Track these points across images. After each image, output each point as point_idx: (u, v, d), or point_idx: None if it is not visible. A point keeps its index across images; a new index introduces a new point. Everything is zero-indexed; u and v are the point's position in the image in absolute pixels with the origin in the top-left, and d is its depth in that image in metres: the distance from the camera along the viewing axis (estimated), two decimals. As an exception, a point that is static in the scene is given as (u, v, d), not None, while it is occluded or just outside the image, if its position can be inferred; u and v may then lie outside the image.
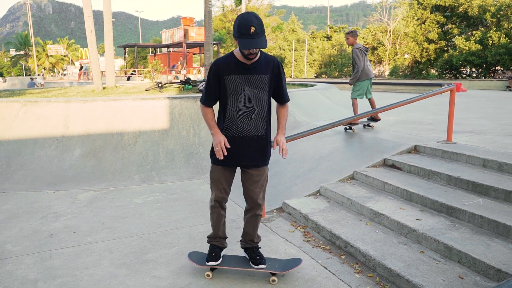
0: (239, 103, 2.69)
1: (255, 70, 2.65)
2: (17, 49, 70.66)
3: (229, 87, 2.68)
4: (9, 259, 3.39)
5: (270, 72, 2.69)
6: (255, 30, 2.45)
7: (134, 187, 5.64)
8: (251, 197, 2.89)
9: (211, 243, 3.05)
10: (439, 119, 7.66)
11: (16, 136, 6.55)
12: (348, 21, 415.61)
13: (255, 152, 2.78)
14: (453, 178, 4.05)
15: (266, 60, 2.70)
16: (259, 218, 2.98)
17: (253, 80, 2.65)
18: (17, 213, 4.58)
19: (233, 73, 2.65)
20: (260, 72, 2.65)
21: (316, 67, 45.52)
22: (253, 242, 3.03)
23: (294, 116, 7.67)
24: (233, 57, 2.67)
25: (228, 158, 2.76)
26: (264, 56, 2.71)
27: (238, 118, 2.71)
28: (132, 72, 33.40)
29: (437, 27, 29.94)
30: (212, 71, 2.72)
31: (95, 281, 2.99)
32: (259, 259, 2.95)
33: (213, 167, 2.88)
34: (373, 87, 7.36)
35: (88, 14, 10.80)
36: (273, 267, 2.96)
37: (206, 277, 3.00)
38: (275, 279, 2.92)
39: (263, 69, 2.66)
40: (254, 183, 2.84)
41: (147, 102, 7.18)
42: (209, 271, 3.02)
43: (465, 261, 2.90)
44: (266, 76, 2.66)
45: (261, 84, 2.67)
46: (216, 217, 2.97)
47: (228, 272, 3.09)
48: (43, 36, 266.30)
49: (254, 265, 2.95)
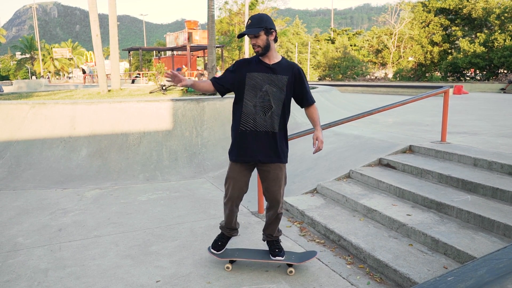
0: (258, 99, 2.86)
1: (276, 70, 2.86)
2: (23, 52, 71.39)
3: (249, 83, 2.87)
4: (21, 251, 3.60)
5: (291, 75, 2.87)
6: (250, 23, 2.79)
7: (139, 185, 5.84)
8: (269, 195, 3.02)
9: (222, 231, 3.23)
10: (436, 120, 7.82)
11: (25, 136, 6.79)
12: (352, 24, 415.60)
13: (269, 147, 2.91)
14: (444, 176, 4.21)
15: (288, 64, 2.92)
16: (279, 216, 3.11)
17: (273, 79, 2.85)
18: (27, 209, 4.79)
19: (255, 71, 2.87)
20: (281, 73, 2.85)
21: (320, 69, 45.70)
22: (272, 236, 3.17)
23: (294, 117, 7.85)
24: (256, 57, 2.92)
25: (244, 152, 2.91)
26: (285, 60, 2.93)
27: (256, 113, 2.87)
28: (136, 75, 33.73)
29: (441, 29, 30.08)
30: (231, 68, 2.98)
31: (101, 271, 3.19)
32: (278, 251, 3.11)
33: (231, 165, 3.01)
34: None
35: (94, 18, 11.07)
36: (289, 258, 3.13)
37: (226, 269, 3.14)
38: (292, 270, 3.07)
39: (284, 71, 2.86)
40: (272, 181, 2.95)
41: (151, 104, 7.40)
42: (229, 263, 3.17)
43: (450, 253, 3.07)
44: (286, 77, 2.85)
45: (280, 84, 2.85)
46: (228, 213, 3.11)
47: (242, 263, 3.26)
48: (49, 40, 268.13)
49: (272, 256, 3.11)
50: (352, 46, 45.56)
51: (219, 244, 3.19)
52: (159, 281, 3.00)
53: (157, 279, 3.04)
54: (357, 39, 49.97)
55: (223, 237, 3.22)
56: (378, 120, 8.15)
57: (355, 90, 23.66)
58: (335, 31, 53.32)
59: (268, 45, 2.81)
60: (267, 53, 2.84)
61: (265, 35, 2.78)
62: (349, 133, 6.42)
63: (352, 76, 38.29)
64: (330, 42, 50.04)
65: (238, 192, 3.02)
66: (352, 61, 39.80)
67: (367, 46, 42.89)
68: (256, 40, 2.78)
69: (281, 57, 2.93)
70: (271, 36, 2.81)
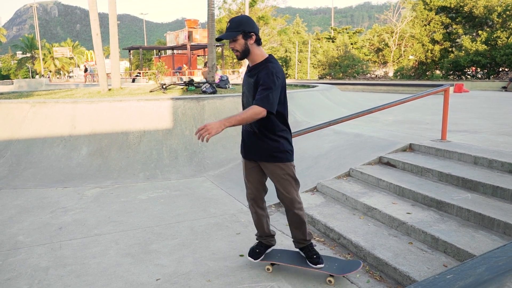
0: (242, 101, 2.96)
1: (251, 73, 2.80)
2: (23, 51, 71.45)
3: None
4: (22, 249, 3.60)
5: (257, 78, 2.70)
6: (228, 26, 2.72)
7: (139, 184, 5.85)
8: (277, 195, 2.96)
9: (258, 240, 3.18)
10: (437, 119, 7.81)
11: (25, 135, 6.79)
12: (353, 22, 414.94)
13: (258, 147, 2.85)
14: (445, 174, 4.21)
15: (261, 66, 2.73)
16: (298, 216, 2.94)
17: (248, 81, 2.82)
18: (28, 208, 4.80)
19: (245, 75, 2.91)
20: (252, 75, 2.76)
21: (320, 68, 45.68)
22: (304, 241, 3.02)
23: (294, 116, 7.85)
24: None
25: (243, 149, 2.99)
26: (263, 62, 2.75)
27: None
28: (137, 74, 33.73)
29: (442, 28, 30.01)
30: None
31: (102, 269, 3.20)
32: (316, 257, 2.97)
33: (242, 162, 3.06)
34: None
35: (94, 17, 11.06)
36: (331, 268, 2.96)
37: (266, 270, 3.10)
38: (331, 280, 2.93)
39: (255, 74, 2.73)
40: (274, 180, 2.90)
41: (151, 103, 7.40)
42: (269, 265, 3.12)
43: (450, 251, 3.07)
44: (253, 80, 2.73)
45: (249, 86, 2.79)
46: (255, 218, 3.07)
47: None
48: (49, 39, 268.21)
49: (312, 264, 2.96)
50: (352, 45, 45.53)
51: (256, 252, 3.12)
52: (159, 279, 3.01)
53: (157, 277, 3.05)
54: (358, 37, 49.91)
55: (261, 245, 3.16)
56: (378, 119, 8.14)
57: (356, 88, 23.63)
58: (335, 30, 53.27)
59: (247, 49, 2.71)
60: (246, 57, 2.76)
61: (243, 39, 2.69)
62: (349, 132, 6.42)
63: (353, 74, 38.26)
64: (330, 40, 49.99)
65: (251, 191, 3.01)
66: (353, 59, 39.76)
67: (368, 44, 42.86)
68: (234, 44, 2.70)
69: (264, 58, 2.76)
70: (250, 40, 2.70)
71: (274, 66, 2.68)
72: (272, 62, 2.73)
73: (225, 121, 2.50)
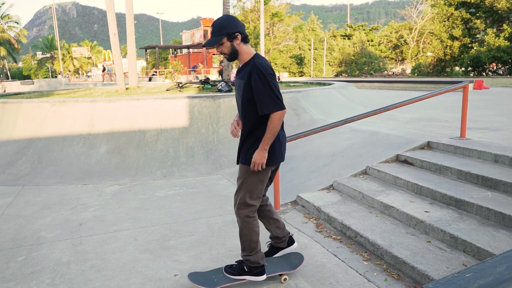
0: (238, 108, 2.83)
1: (239, 75, 2.72)
2: (43, 52, 73.08)
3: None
4: (44, 244, 3.70)
5: (246, 78, 2.59)
6: (212, 30, 2.64)
7: (156, 181, 5.93)
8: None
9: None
10: (456, 116, 7.68)
11: (46, 134, 6.96)
12: (369, 19, 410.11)
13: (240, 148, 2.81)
14: (464, 172, 4.14)
15: (249, 65, 2.62)
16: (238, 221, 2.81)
17: (237, 83, 2.74)
18: (49, 204, 4.93)
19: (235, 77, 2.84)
20: (241, 77, 2.67)
21: (336, 66, 45.32)
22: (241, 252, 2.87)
23: (310, 114, 7.83)
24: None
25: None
26: (250, 61, 2.65)
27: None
28: (153, 73, 34.11)
29: (462, 23, 29.38)
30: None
31: (121, 264, 3.26)
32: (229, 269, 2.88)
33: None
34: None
35: (111, 17, 11.23)
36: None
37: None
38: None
39: (244, 74, 2.64)
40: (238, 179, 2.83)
41: (168, 101, 7.48)
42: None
43: (470, 250, 3.02)
44: (243, 81, 2.63)
45: (238, 88, 2.70)
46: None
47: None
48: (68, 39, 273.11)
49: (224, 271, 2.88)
50: (369, 42, 45.01)
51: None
52: (177, 275, 3.05)
53: (175, 273, 3.10)
54: (374, 34, 49.31)
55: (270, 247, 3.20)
56: (395, 116, 8.05)
57: (372, 86, 23.38)
58: (351, 27, 52.73)
59: (235, 50, 2.64)
60: (236, 58, 2.68)
61: (229, 41, 2.60)
62: (365, 129, 6.37)
63: (369, 72, 37.85)
64: (346, 38, 49.52)
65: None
66: (369, 56, 39.34)
67: (385, 41, 42.32)
68: (222, 48, 2.63)
69: (251, 57, 2.66)
70: (236, 40, 2.60)
71: (261, 62, 2.57)
72: (259, 58, 2.64)
73: (263, 147, 2.59)
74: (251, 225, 2.75)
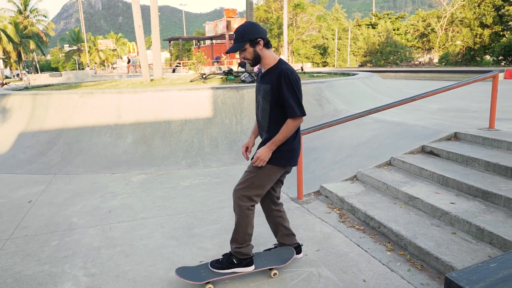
0: (257, 111, 2.85)
1: (264, 79, 2.75)
2: (70, 44, 74.93)
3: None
4: (76, 230, 3.87)
5: (272, 83, 2.64)
6: (234, 37, 2.73)
7: (181, 171, 6.05)
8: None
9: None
10: (484, 107, 7.46)
11: (75, 124, 7.19)
12: (395, 7, 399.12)
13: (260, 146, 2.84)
14: (492, 164, 4.05)
15: (274, 70, 2.68)
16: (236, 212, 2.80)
17: (261, 88, 2.76)
18: (80, 192, 5.12)
19: (257, 82, 2.86)
20: (266, 81, 2.70)
21: (360, 55, 44.51)
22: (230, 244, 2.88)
23: (334, 104, 7.78)
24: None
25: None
26: (276, 66, 2.70)
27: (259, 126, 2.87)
28: (177, 64, 34.45)
29: (493, 10, 28.25)
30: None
31: (149, 250, 3.38)
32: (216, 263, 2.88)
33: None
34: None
35: (136, 10, 11.40)
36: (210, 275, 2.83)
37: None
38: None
39: (270, 79, 2.67)
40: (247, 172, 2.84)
41: (192, 92, 7.58)
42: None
43: (496, 242, 2.98)
44: (269, 86, 2.66)
45: (264, 93, 2.71)
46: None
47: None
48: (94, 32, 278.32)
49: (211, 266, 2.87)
50: (395, 31, 43.93)
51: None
52: (202, 262, 3.14)
53: (201, 259, 3.19)
54: (401, 23, 48.05)
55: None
56: (421, 107, 7.89)
57: (398, 76, 22.88)
58: (376, 16, 51.56)
59: (257, 55, 2.69)
60: (259, 63, 2.74)
61: (251, 47, 2.66)
62: (390, 120, 6.28)
63: (395, 61, 37.00)
64: (371, 27, 48.48)
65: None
66: (395, 46, 38.43)
67: (412, 30, 41.18)
68: (244, 54, 2.70)
69: (276, 62, 2.72)
70: (258, 46, 2.66)
71: (289, 69, 2.64)
72: (284, 64, 2.69)
73: (270, 146, 2.66)
74: (250, 218, 2.79)
